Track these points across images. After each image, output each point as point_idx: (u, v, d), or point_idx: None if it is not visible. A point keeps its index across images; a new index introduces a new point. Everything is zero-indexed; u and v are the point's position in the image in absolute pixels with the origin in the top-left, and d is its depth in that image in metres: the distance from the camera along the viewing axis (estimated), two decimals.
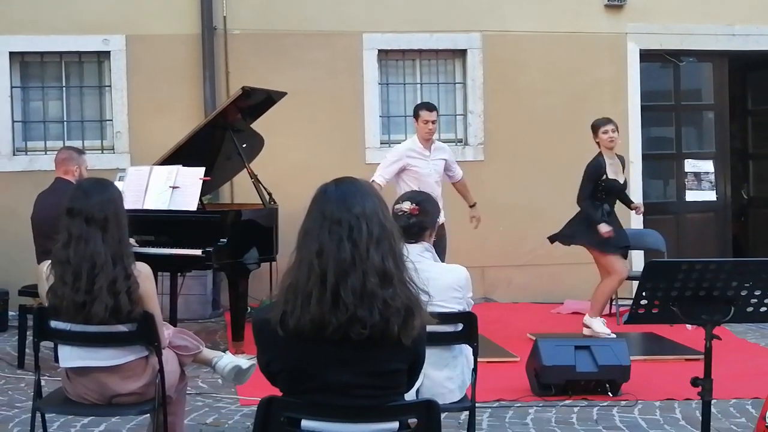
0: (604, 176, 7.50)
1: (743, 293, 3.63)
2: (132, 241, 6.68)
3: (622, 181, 7.63)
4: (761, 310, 3.70)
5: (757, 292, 3.63)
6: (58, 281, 3.86)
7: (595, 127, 7.62)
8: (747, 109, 11.50)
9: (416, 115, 7.68)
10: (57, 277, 3.86)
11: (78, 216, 3.88)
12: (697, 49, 10.23)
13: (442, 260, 6.64)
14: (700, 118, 10.91)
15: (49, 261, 3.96)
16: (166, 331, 4.20)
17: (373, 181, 7.15)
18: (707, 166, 10.60)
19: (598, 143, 7.60)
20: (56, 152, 7.01)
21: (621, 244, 7.58)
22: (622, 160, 7.79)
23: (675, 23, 10.04)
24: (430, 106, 7.76)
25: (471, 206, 8.06)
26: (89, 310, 3.81)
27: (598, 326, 7.48)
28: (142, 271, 3.96)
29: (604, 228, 7.38)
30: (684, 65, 10.47)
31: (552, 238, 7.92)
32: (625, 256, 7.77)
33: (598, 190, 7.53)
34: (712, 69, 10.56)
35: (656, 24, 10.01)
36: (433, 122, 7.61)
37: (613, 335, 7.32)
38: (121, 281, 3.83)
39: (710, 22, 10.10)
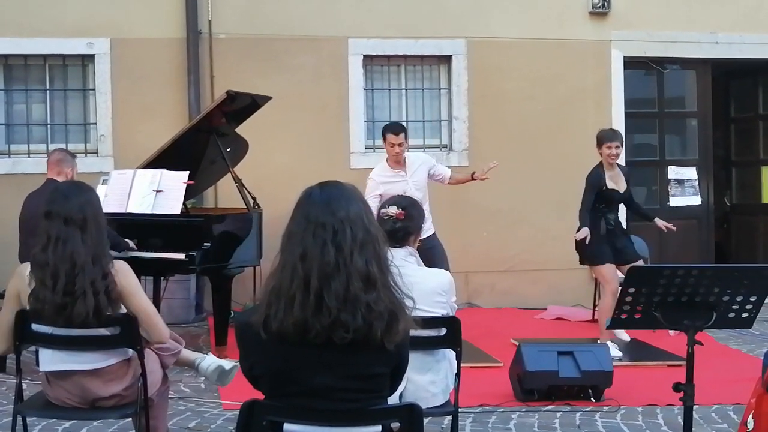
0: (604, 186, 7.34)
1: (725, 299, 3.64)
2: (131, 243, 6.73)
3: (622, 191, 7.44)
4: (743, 315, 3.72)
5: (739, 298, 3.65)
6: (38, 285, 3.83)
7: (600, 140, 7.42)
8: (730, 116, 11.58)
9: (383, 137, 7.36)
10: (38, 281, 3.83)
11: (56, 218, 3.86)
12: (680, 56, 10.29)
13: (445, 267, 6.58)
14: (683, 126, 10.97)
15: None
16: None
17: None
18: (690, 173, 10.66)
19: (600, 154, 7.46)
20: (45, 155, 6.99)
21: (610, 257, 7.30)
22: (625, 171, 7.62)
23: (659, 31, 10.10)
24: (396, 129, 7.36)
25: (473, 177, 7.63)
26: (70, 312, 3.78)
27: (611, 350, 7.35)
28: (119, 268, 3.93)
29: (580, 234, 7.22)
30: (667, 73, 10.53)
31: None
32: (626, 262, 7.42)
33: (598, 201, 7.37)
34: (696, 76, 10.63)
35: (640, 31, 10.07)
36: (401, 145, 7.25)
37: (619, 353, 7.25)
38: (99, 281, 3.81)
39: (694, 30, 10.17)
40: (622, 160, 9.82)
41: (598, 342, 7.14)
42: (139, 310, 3.97)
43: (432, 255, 6.66)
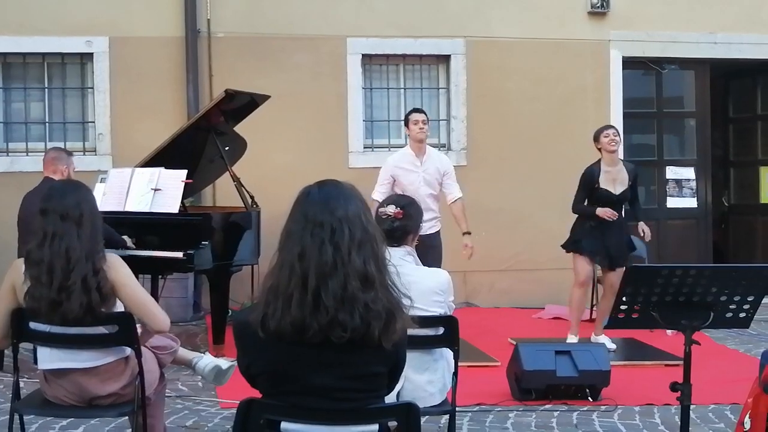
0: (596, 185, 7.33)
1: (722, 299, 3.65)
2: (129, 242, 6.72)
3: (617, 192, 7.36)
4: (740, 315, 3.72)
5: (736, 298, 3.66)
6: (34, 283, 3.82)
7: (597, 135, 7.44)
8: (728, 116, 11.59)
9: (407, 122, 7.47)
10: (33, 280, 3.82)
11: (53, 214, 3.85)
12: (679, 56, 10.29)
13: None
14: (681, 126, 10.98)
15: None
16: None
17: (373, 199, 6.79)
18: (688, 173, 10.67)
19: (599, 149, 7.43)
20: (43, 153, 6.99)
21: (590, 248, 7.35)
22: (630, 169, 7.52)
23: (657, 31, 10.11)
24: (418, 110, 7.65)
25: (463, 235, 7.48)
26: (65, 309, 3.78)
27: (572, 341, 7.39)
28: (111, 262, 3.91)
29: (601, 211, 7.25)
30: (666, 73, 10.53)
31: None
32: (612, 268, 7.37)
33: (590, 199, 7.40)
34: (694, 76, 10.64)
35: (639, 31, 10.08)
36: (424, 122, 7.37)
37: (613, 345, 7.30)
38: (90, 277, 3.80)
39: (693, 30, 10.18)
40: None
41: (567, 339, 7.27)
42: (134, 300, 3.94)
43: (427, 255, 6.60)
